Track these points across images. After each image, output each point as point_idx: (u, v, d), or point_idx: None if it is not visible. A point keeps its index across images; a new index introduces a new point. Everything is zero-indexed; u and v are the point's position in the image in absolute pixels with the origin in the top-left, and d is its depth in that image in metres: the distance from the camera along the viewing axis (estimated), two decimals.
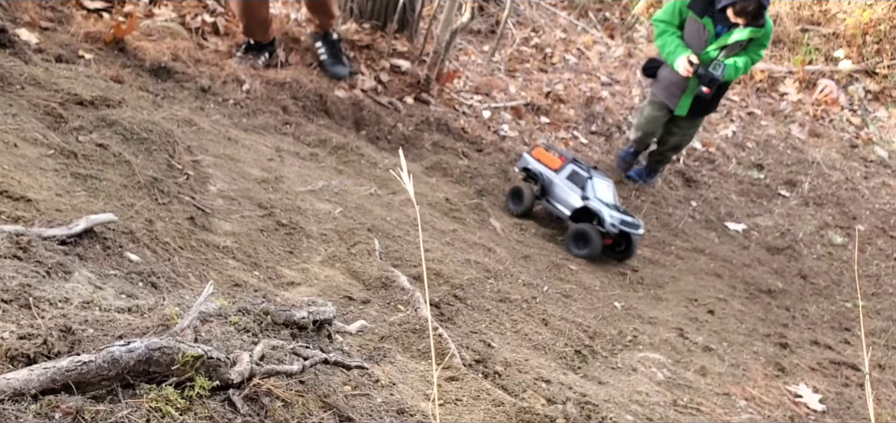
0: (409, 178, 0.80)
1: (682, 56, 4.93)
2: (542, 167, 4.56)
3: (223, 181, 3.34)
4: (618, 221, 4.30)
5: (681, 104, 5.16)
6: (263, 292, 2.52)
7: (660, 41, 5.07)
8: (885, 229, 5.88)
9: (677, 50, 4.97)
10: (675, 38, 4.99)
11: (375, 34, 5.68)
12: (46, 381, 1.25)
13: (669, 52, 5.00)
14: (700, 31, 4.98)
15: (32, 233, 1.97)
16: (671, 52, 4.99)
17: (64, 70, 3.68)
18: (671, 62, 5.00)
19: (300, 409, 1.63)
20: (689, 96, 5.12)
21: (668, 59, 5.02)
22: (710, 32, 4.96)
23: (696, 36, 5.01)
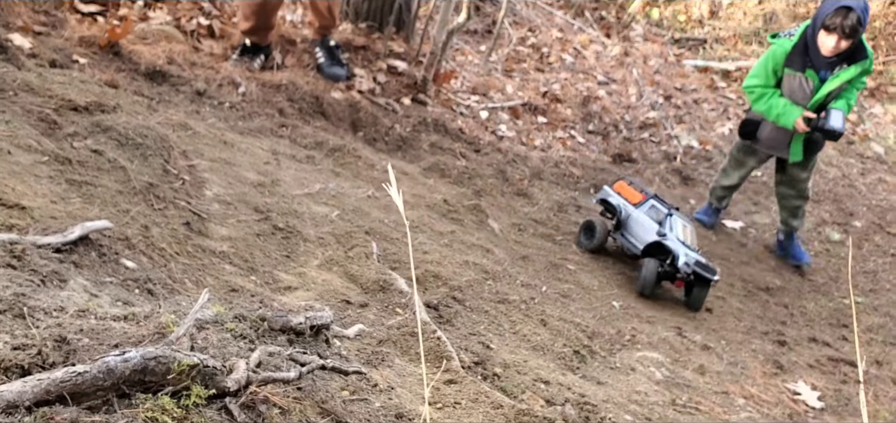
0: (399, 193, 0.79)
1: (797, 116, 4.71)
2: (622, 200, 4.38)
3: (219, 186, 3.33)
4: (693, 261, 4.02)
5: (793, 151, 4.91)
6: (260, 297, 2.51)
7: (762, 105, 4.81)
8: (881, 225, 5.89)
9: (787, 109, 4.73)
10: (779, 98, 4.77)
11: (372, 35, 5.67)
12: (40, 392, 1.24)
13: (779, 113, 4.76)
14: (803, 84, 4.72)
15: (27, 241, 1.96)
16: (782, 114, 4.75)
17: (58, 75, 3.66)
18: (785, 124, 4.76)
19: (297, 416, 1.62)
20: (799, 141, 4.88)
21: (780, 122, 4.78)
22: (814, 83, 4.71)
23: (799, 90, 4.75)
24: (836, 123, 4.63)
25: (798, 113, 4.71)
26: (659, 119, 6.71)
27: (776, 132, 4.90)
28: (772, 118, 4.82)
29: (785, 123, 4.76)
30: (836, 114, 4.65)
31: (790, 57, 4.71)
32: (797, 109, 4.72)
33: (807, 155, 4.96)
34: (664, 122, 6.70)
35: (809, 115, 4.69)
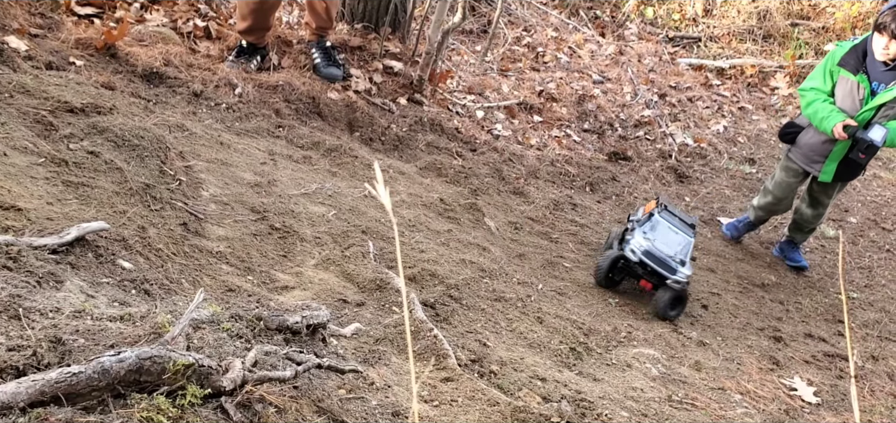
0: (386, 190, 0.79)
1: (837, 122, 4.40)
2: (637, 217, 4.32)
3: (216, 186, 3.33)
4: (640, 250, 3.90)
5: (825, 170, 4.63)
6: (257, 296, 2.52)
7: (810, 110, 4.53)
8: (877, 220, 5.90)
9: (831, 115, 4.42)
10: (827, 105, 4.47)
11: (368, 36, 5.68)
12: (35, 393, 1.25)
13: (823, 117, 4.45)
14: (854, 90, 4.44)
15: (23, 242, 1.96)
16: (824, 118, 4.44)
17: (54, 77, 3.67)
18: (825, 129, 4.47)
19: (294, 415, 1.63)
20: (833, 161, 4.60)
21: (821, 126, 4.49)
22: (866, 91, 4.41)
23: (849, 96, 4.46)
24: (875, 135, 4.36)
25: (840, 119, 4.40)
26: (654, 117, 6.72)
27: (814, 143, 4.63)
28: (816, 123, 4.52)
29: (825, 128, 4.46)
30: (878, 128, 4.37)
31: (845, 58, 4.44)
32: (841, 116, 4.42)
33: (840, 178, 4.68)
34: (659, 120, 6.71)
35: (849, 122, 4.39)
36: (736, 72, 8.04)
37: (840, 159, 4.56)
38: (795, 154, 4.75)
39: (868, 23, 8.46)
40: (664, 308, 3.84)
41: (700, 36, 8.89)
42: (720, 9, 9.22)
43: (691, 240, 4.06)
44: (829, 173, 4.62)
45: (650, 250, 3.91)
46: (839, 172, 4.63)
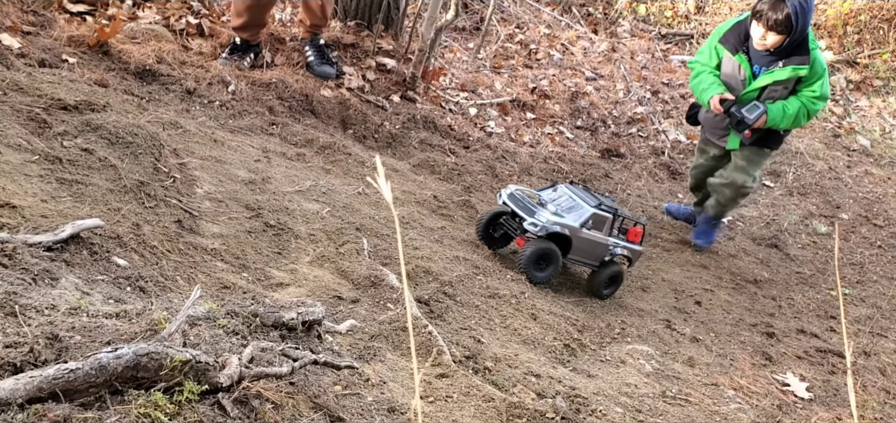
0: (387, 184, 0.80)
1: (714, 94, 4.34)
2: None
3: (210, 183, 3.33)
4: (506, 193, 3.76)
5: (730, 140, 4.60)
6: (252, 293, 2.52)
7: (693, 82, 4.51)
8: (868, 217, 5.94)
9: (711, 87, 4.37)
10: (708, 77, 4.42)
11: (361, 33, 5.67)
12: (33, 390, 1.25)
13: (703, 89, 4.41)
14: (736, 70, 4.40)
15: (18, 240, 1.96)
16: (704, 90, 4.40)
17: (47, 75, 3.66)
18: (703, 101, 4.43)
19: (290, 410, 1.64)
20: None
21: (701, 98, 4.45)
22: (746, 72, 4.37)
23: (732, 76, 4.41)
24: (749, 113, 4.27)
25: (717, 92, 4.35)
26: (646, 114, 6.74)
27: (714, 123, 4.61)
28: (697, 95, 4.52)
29: (703, 101, 4.43)
30: (754, 106, 4.29)
31: (726, 36, 4.38)
32: (719, 89, 4.37)
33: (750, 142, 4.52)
34: (652, 117, 6.73)
35: (726, 96, 4.33)
36: None
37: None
38: (706, 132, 4.75)
39: (859, 20, 8.51)
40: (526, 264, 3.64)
41: (692, 33, 8.92)
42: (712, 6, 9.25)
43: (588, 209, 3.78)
44: (736, 142, 4.57)
45: (514, 193, 3.79)
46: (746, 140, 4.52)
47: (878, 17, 8.50)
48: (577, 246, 3.75)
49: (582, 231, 3.74)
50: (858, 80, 8.20)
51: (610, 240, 3.84)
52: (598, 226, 3.81)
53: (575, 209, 3.80)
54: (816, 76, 4.34)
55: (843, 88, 8.11)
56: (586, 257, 3.85)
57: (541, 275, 3.70)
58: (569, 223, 3.71)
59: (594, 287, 3.89)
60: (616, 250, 3.87)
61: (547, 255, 3.68)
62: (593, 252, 3.82)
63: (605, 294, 3.90)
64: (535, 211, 3.70)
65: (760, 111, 4.29)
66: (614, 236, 3.87)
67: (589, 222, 3.77)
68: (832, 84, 8.10)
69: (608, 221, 3.83)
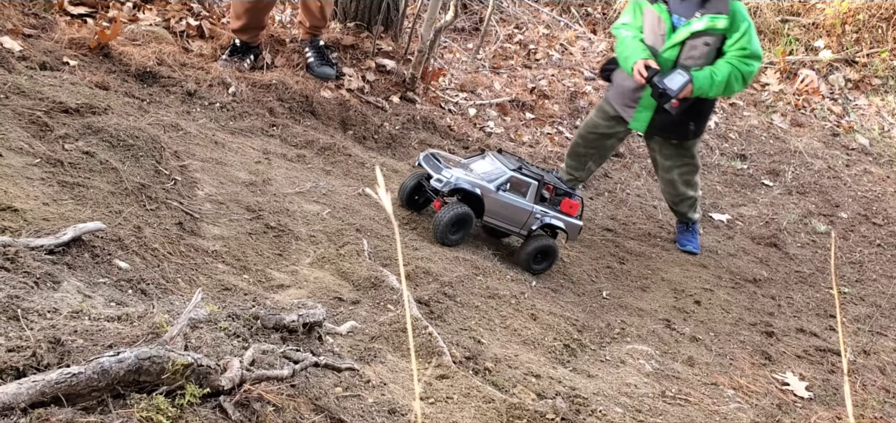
0: (387, 195, 0.81)
1: (638, 59, 4.05)
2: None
3: (211, 185, 3.34)
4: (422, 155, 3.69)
5: (636, 116, 4.27)
6: (253, 295, 2.53)
7: (618, 47, 4.24)
8: (867, 215, 5.95)
9: (635, 53, 4.07)
10: (634, 41, 4.13)
11: (360, 34, 5.68)
12: (36, 394, 1.26)
13: (626, 55, 4.13)
14: (655, 24, 4.12)
15: (20, 243, 1.97)
16: (627, 57, 4.11)
17: (48, 77, 3.67)
18: (627, 69, 4.13)
19: (292, 413, 1.65)
20: (646, 109, 4.23)
21: (625, 65, 4.15)
22: (666, 25, 4.08)
23: (653, 31, 4.14)
24: (671, 82, 3.95)
25: (640, 56, 4.04)
26: None
27: (627, 87, 4.26)
28: (621, 62, 4.19)
29: (627, 68, 4.10)
30: (677, 76, 3.99)
31: None
32: (642, 54, 4.05)
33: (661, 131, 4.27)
34: None
35: (650, 63, 4.01)
36: None
37: (654, 109, 4.19)
38: (611, 94, 4.41)
39: (858, 19, 8.51)
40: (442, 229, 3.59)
41: None
42: None
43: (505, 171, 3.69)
44: (641, 122, 4.25)
45: (432, 154, 3.72)
46: (656, 124, 4.24)
47: (877, 15, 8.51)
48: (491, 208, 3.63)
49: (497, 193, 3.62)
50: (857, 78, 8.21)
51: (535, 207, 3.71)
52: (518, 190, 3.68)
53: (493, 173, 3.70)
54: (739, 30, 4.05)
55: (842, 87, 8.12)
56: (507, 223, 3.71)
57: (453, 238, 3.63)
58: (480, 183, 3.60)
59: (522, 261, 3.75)
60: (544, 219, 3.72)
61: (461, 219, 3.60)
62: (514, 218, 3.69)
63: (535, 269, 3.74)
64: (442, 169, 3.60)
65: (685, 81, 3.99)
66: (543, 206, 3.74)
67: (506, 184, 3.65)
68: (831, 83, 8.11)
69: (532, 187, 3.69)
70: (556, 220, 3.77)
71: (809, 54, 8.38)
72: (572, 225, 3.81)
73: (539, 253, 3.77)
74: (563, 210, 3.79)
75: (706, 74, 4.05)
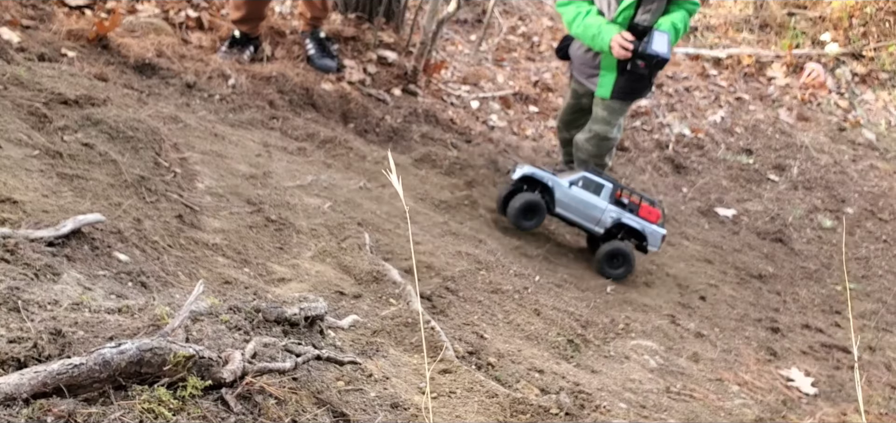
0: (398, 179, 0.78)
1: (613, 36, 3.93)
2: None
3: (211, 178, 3.32)
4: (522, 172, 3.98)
5: (601, 83, 4.16)
6: (254, 289, 2.51)
7: (576, 28, 4.06)
8: (873, 211, 5.91)
9: (603, 29, 3.95)
10: (593, 17, 3.99)
11: (361, 26, 5.65)
12: (38, 385, 1.24)
13: (593, 34, 3.98)
14: None
15: (19, 235, 1.94)
16: (596, 36, 3.97)
17: (47, 69, 3.64)
18: (600, 47, 4.01)
19: (294, 406, 1.62)
20: (609, 72, 4.13)
21: (595, 44, 4.01)
22: None
23: None
24: (660, 46, 3.90)
25: (615, 31, 3.94)
26: (650, 107, 6.72)
27: (585, 56, 4.19)
28: (587, 42, 4.06)
29: (600, 46, 3.99)
30: (660, 37, 3.92)
31: None
32: (612, 28, 3.96)
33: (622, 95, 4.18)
34: (656, 110, 6.71)
35: (627, 35, 3.93)
36: (733, 62, 8.03)
37: (617, 71, 4.10)
38: (575, 71, 4.35)
39: (865, 12, 8.47)
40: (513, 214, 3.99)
41: (696, 25, 8.88)
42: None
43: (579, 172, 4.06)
44: (606, 88, 4.16)
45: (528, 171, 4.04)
46: (620, 86, 4.14)
47: (885, 9, 8.45)
48: (562, 201, 3.91)
49: (568, 187, 3.91)
50: (864, 73, 8.15)
51: (608, 206, 3.91)
52: (591, 188, 3.92)
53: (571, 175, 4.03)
54: None
55: (849, 82, 8.07)
56: (579, 217, 3.96)
57: (526, 224, 3.99)
58: (551, 176, 3.94)
59: (596, 263, 3.95)
60: (620, 219, 3.91)
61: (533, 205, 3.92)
62: (585, 213, 3.93)
63: (610, 273, 3.88)
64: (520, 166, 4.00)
65: (668, 38, 3.95)
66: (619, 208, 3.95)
67: (578, 181, 3.94)
68: (837, 77, 8.07)
69: (606, 188, 3.94)
70: (632, 222, 3.93)
71: (816, 48, 8.34)
72: (653, 231, 3.96)
73: (613, 256, 3.92)
74: (642, 216, 3.96)
75: (670, 26, 4.03)
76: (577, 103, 4.48)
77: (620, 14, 4.02)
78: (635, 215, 3.94)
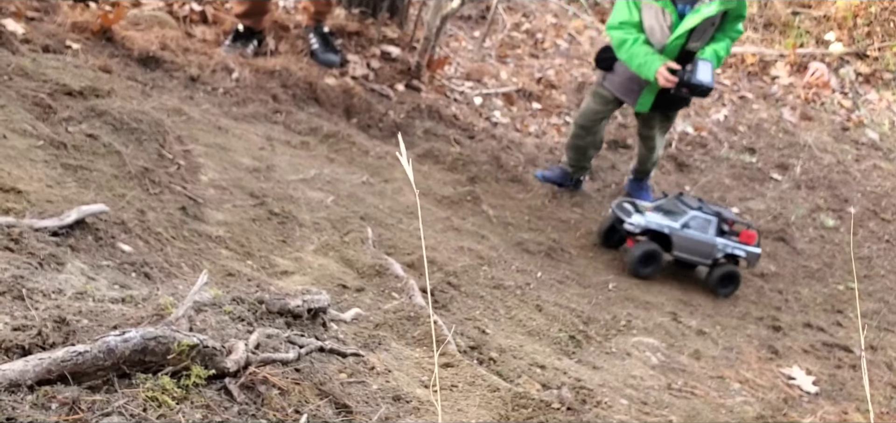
0: (409, 162, 0.79)
1: (658, 66, 4.07)
2: None
3: (214, 171, 3.32)
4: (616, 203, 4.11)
5: (641, 100, 4.35)
6: (257, 281, 2.51)
7: (624, 54, 4.17)
8: (876, 211, 5.91)
9: (649, 60, 4.08)
10: (641, 45, 4.12)
11: (365, 21, 5.65)
12: (42, 372, 1.25)
13: (640, 63, 4.11)
14: (660, 16, 4.12)
15: (24, 224, 1.95)
16: (642, 64, 4.10)
17: (51, 60, 3.64)
18: (647, 76, 4.14)
19: (296, 397, 1.63)
20: (651, 92, 4.31)
21: (642, 73, 4.14)
22: (672, 17, 4.10)
23: (656, 25, 4.14)
24: (704, 76, 4.05)
25: (660, 62, 4.07)
26: None
27: (629, 79, 4.32)
28: (634, 68, 4.17)
29: (646, 75, 4.12)
30: (704, 66, 4.05)
31: None
32: (659, 59, 4.08)
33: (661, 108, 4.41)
34: None
35: (673, 66, 4.06)
36: (736, 60, 8.02)
37: (658, 90, 4.28)
38: (611, 82, 4.45)
39: (870, 11, 8.45)
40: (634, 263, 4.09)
41: None
42: None
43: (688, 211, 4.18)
44: (645, 104, 4.36)
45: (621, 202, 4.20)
46: (660, 103, 4.36)
47: (889, 9, 8.43)
48: (679, 244, 4.12)
49: (682, 231, 4.11)
50: (868, 72, 8.13)
51: (717, 240, 4.15)
52: (701, 227, 4.16)
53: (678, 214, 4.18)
54: (743, 3, 4.21)
55: (853, 81, 8.06)
56: (694, 255, 4.18)
57: (645, 271, 4.11)
58: (667, 223, 4.10)
59: (711, 285, 4.20)
60: (726, 250, 4.16)
61: (651, 254, 4.10)
62: (700, 251, 4.16)
63: (723, 292, 4.18)
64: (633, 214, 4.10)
65: (712, 68, 4.12)
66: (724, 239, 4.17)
67: (689, 222, 4.14)
68: (841, 77, 8.05)
69: (712, 223, 4.17)
70: (737, 250, 4.20)
71: (820, 47, 8.32)
72: (752, 253, 4.25)
73: (724, 278, 4.19)
74: (743, 240, 4.21)
75: (712, 54, 4.19)
76: (604, 110, 4.60)
77: (672, 43, 4.17)
78: (738, 240, 4.21)
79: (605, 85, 4.50)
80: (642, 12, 4.18)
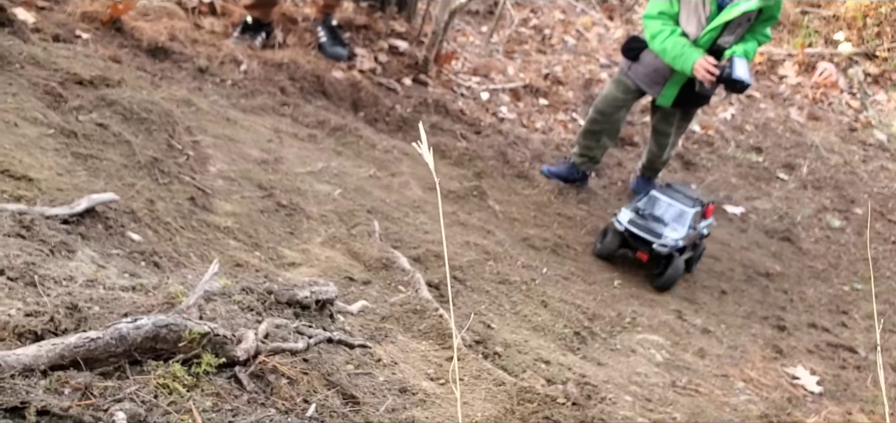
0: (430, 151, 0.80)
1: (697, 60, 4.02)
2: None
3: (223, 162, 3.34)
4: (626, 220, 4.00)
5: (664, 93, 4.32)
6: (265, 272, 2.53)
7: (659, 45, 4.12)
8: (883, 212, 5.90)
9: (686, 52, 4.04)
10: (678, 38, 4.08)
11: (373, 15, 5.66)
12: (55, 357, 1.26)
13: (676, 55, 4.06)
14: (699, 7, 4.07)
15: (35, 212, 1.97)
16: (679, 56, 4.06)
17: (62, 49, 3.66)
18: (684, 69, 4.08)
19: (305, 386, 1.64)
20: (675, 85, 4.28)
21: (677, 65, 4.09)
22: (712, 7, 4.06)
23: (693, 14, 4.09)
24: (743, 73, 3.98)
25: (697, 56, 4.02)
26: None
27: (659, 66, 4.25)
28: (668, 61, 4.12)
29: (682, 67, 4.07)
30: (740, 63, 3.99)
31: None
32: (696, 52, 4.03)
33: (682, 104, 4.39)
34: None
35: (711, 60, 4.01)
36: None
37: (682, 84, 4.26)
38: (635, 72, 4.40)
39: (880, 12, 8.42)
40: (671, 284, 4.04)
41: None
42: None
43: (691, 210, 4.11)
44: (668, 97, 4.33)
45: (635, 219, 4.03)
46: (682, 97, 4.33)
47: None
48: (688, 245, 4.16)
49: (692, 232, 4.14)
50: (877, 73, 8.10)
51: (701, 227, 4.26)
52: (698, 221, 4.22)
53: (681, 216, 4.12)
54: (778, 7, 4.19)
55: (861, 82, 8.03)
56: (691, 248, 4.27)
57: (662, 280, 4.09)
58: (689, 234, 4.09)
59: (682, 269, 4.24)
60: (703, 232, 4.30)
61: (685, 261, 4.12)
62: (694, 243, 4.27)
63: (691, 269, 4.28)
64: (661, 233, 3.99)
65: (745, 63, 4.04)
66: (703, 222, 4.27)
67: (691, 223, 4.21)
68: (849, 77, 8.03)
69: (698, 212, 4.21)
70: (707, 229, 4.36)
71: (829, 47, 8.29)
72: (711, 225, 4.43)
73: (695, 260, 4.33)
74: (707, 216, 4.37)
75: (743, 53, 4.10)
76: (625, 99, 4.54)
77: (706, 35, 4.11)
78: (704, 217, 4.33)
79: (629, 74, 4.45)
80: (681, 4, 4.15)
